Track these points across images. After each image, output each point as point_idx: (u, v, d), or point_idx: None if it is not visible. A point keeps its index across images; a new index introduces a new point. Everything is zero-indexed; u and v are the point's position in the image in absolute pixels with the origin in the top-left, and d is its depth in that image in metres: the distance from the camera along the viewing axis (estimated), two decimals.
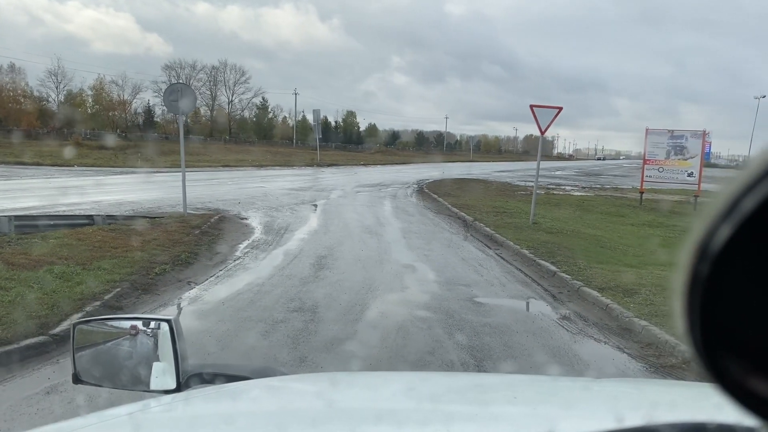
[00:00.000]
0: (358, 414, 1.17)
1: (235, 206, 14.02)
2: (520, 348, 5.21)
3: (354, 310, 6.16)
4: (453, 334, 5.46)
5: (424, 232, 11.82)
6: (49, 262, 6.80)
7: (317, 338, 5.25)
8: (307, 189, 20.67)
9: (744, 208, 0.33)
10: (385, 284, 7.35)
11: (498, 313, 6.28)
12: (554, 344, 5.38)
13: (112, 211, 11.49)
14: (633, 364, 4.96)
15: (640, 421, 0.81)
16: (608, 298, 6.58)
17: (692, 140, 19.31)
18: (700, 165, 19.31)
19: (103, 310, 5.60)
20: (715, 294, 0.36)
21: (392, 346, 5.14)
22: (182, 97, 10.22)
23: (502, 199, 18.76)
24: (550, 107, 11.95)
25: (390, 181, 25.90)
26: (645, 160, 19.68)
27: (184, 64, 74.90)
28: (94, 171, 24.52)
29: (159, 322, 1.44)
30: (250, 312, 5.97)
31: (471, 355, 4.95)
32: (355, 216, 13.76)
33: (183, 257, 7.92)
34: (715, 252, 0.34)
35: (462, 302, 6.62)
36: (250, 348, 4.98)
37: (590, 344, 5.46)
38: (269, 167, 35.83)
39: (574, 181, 33.99)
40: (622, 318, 6.02)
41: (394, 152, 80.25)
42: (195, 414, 1.24)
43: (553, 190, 24.43)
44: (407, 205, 17.09)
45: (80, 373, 1.42)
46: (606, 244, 10.66)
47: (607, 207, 18.30)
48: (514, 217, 13.63)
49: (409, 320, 5.87)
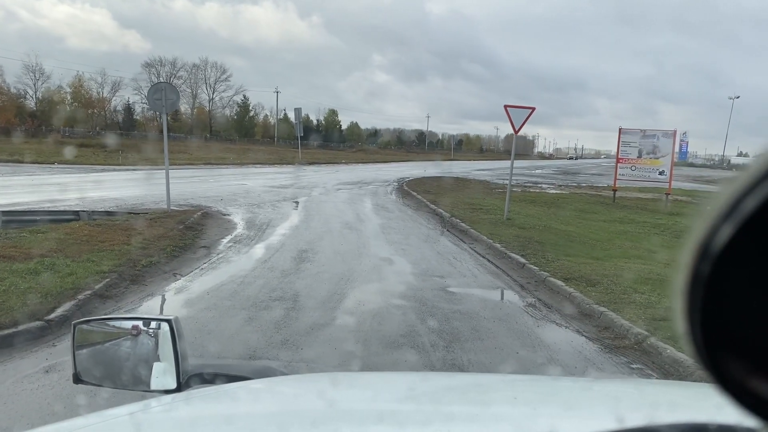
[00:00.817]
0: (359, 414, 1.17)
1: (217, 203, 14.29)
2: (486, 331, 5.62)
3: (333, 299, 6.52)
4: (425, 320, 5.85)
5: (402, 228, 12.22)
6: (39, 255, 7.06)
7: (298, 324, 5.60)
8: (288, 186, 20.95)
9: (745, 209, 0.33)
10: (363, 276, 7.73)
11: (468, 301, 6.69)
12: (518, 328, 5.79)
13: (96, 207, 11.71)
14: (589, 345, 5.40)
15: (640, 422, 0.81)
16: (572, 288, 7.03)
17: (663, 140, 19.93)
18: (671, 163, 19.96)
19: (94, 299, 5.90)
20: (715, 294, 0.35)
21: (368, 330, 5.51)
22: (166, 96, 10.48)
23: (479, 196, 19.22)
24: (524, 107, 12.41)
25: (371, 179, 26.26)
26: (618, 159, 20.27)
27: (164, 62, 74.65)
28: (75, 169, 24.55)
29: (159, 322, 1.44)
30: (234, 301, 6.30)
31: (441, 338, 5.34)
32: (335, 212, 14.11)
33: (168, 250, 8.22)
34: (717, 252, 0.34)
35: (435, 291, 7.01)
36: (235, 332, 5.31)
37: (552, 328, 5.89)
38: (250, 165, 36.00)
39: (551, 179, 34.63)
40: (583, 305, 6.47)
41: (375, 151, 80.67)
42: (195, 414, 1.25)
43: (530, 188, 24.99)
44: (387, 202, 17.47)
45: (81, 372, 1.43)
46: (575, 239, 11.13)
47: (581, 204, 18.86)
48: (489, 213, 14.08)
49: (384, 308, 6.25)
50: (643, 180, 20.10)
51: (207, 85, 78.17)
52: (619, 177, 20.17)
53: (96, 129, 62.95)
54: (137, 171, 24.15)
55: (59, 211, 10.55)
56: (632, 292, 6.89)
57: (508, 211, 13.39)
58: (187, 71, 75.84)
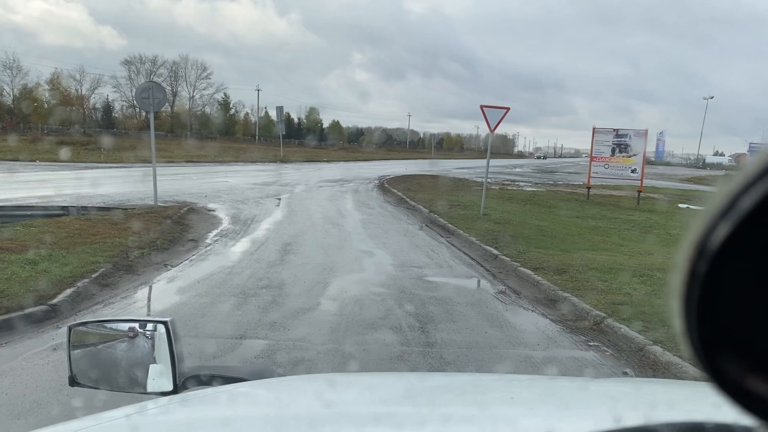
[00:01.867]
0: (356, 415, 1.18)
1: (202, 199, 14.61)
2: (459, 315, 6.09)
3: (317, 287, 6.95)
4: (403, 305, 6.31)
5: (382, 223, 12.68)
6: (35, 246, 7.39)
7: (284, 308, 6.03)
8: (271, 184, 21.29)
9: (742, 207, 0.33)
10: (345, 266, 8.17)
11: (443, 289, 7.16)
12: (488, 312, 6.28)
13: (83, 203, 11.98)
14: (552, 326, 5.90)
15: (638, 421, 0.81)
16: (540, 276, 7.54)
17: (635, 138, 20.65)
18: (643, 162, 20.69)
19: (92, 286, 6.27)
20: (712, 293, 0.35)
21: (349, 313, 5.96)
22: (153, 95, 10.81)
23: (458, 193, 19.73)
24: (499, 107, 12.93)
25: (352, 177, 26.67)
26: (592, 158, 20.94)
27: (144, 59, 74.24)
28: (57, 166, 24.61)
29: (156, 324, 1.44)
30: (223, 288, 6.71)
31: (417, 320, 5.80)
32: (318, 208, 14.52)
33: (158, 243, 8.58)
34: (714, 250, 0.34)
35: (413, 280, 7.48)
36: (227, 315, 5.72)
37: (519, 312, 6.39)
38: (232, 163, 36.17)
39: (529, 177, 35.33)
40: (550, 291, 6.98)
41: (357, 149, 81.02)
42: (192, 416, 1.25)
43: (508, 186, 25.59)
44: (368, 198, 17.92)
45: (77, 375, 1.43)
46: (547, 233, 11.68)
47: (555, 201, 19.48)
48: (467, 209, 14.59)
49: (365, 294, 6.70)
50: (616, 178, 20.80)
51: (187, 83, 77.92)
52: (592, 175, 20.84)
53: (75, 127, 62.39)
54: (120, 168, 24.32)
55: (48, 206, 10.84)
56: (595, 280, 7.42)
57: (484, 207, 13.91)
58: (167, 69, 75.56)
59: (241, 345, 4.95)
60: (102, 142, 36.45)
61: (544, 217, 14.64)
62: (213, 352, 4.74)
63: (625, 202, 20.30)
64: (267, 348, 4.89)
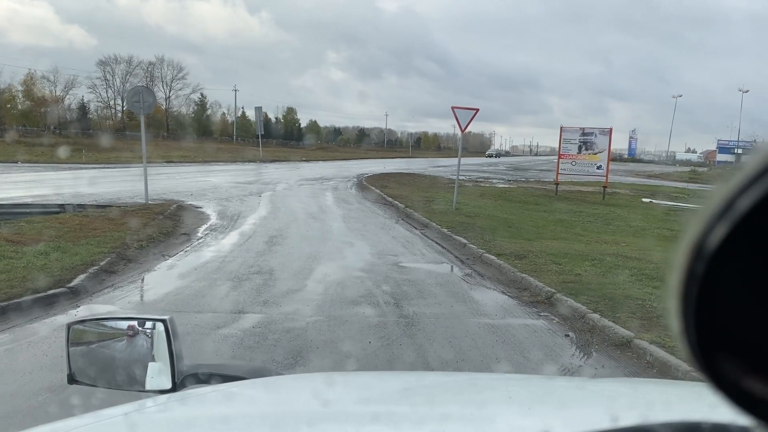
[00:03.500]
0: (354, 414, 1.19)
1: (188, 197, 15.27)
2: (429, 293, 6.94)
3: (303, 272, 7.75)
4: (380, 286, 7.14)
5: (361, 217, 13.50)
6: (42, 240, 8.07)
7: (275, 290, 6.82)
8: (253, 182, 21.96)
9: (740, 208, 0.33)
10: (327, 255, 8.98)
11: (416, 273, 8.01)
12: (455, 291, 7.14)
13: (77, 201, 12.60)
14: (509, 301, 6.78)
15: (635, 421, 0.82)
16: (503, 261, 8.42)
17: (600, 137, 21.71)
18: (608, 158, 21.77)
19: (102, 273, 6.99)
20: (710, 293, 0.36)
21: (333, 293, 6.77)
22: (144, 99, 11.48)
23: (433, 190, 20.63)
24: (469, 108, 13.85)
25: (331, 176, 27.44)
26: (560, 155, 21.98)
27: (119, 60, 73.97)
28: (41, 167, 24.97)
29: (154, 321, 1.44)
30: (219, 274, 7.47)
31: (392, 298, 6.63)
32: (300, 205, 15.29)
33: (154, 237, 9.29)
34: (711, 251, 0.34)
35: (389, 266, 8.31)
36: (225, 295, 6.50)
37: (482, 290, 7.26)
38: (212, 163, 36.64)
39: (503, 175, 36.40)
40: (510, 273, 7.86)
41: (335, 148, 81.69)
42: (191, 414, 1.25)
43: (482, 183, 26.60)
44: (347, 196, 18.72)
45: (75, 373, 1.43)
46: (514, 225, 12.61)
47: (525, 197, 20.47)
48: (440, 204, 15.47)
49: (347, 278, 7.51)
50: (583, 174, 21.88)
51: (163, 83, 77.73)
52: (561, 172, 21.88)
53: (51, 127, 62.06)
54: (103, 169, 24.78)
55: (45, 204, 11.46)
56: (551, 263, 8.33)
57: (456, 202, 14.80)
58: (143, 69, 75.38)
59: (241, 318, 5.73)
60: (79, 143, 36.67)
61: (512, 212, 15.58)
62: (217, 323, 5.52)
63: (591, 197, 21.36)
64: (263, 320, 5.68)
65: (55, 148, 34.69)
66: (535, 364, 4.83)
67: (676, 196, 24.71)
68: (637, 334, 5.33)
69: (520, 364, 4.82)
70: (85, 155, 29.53)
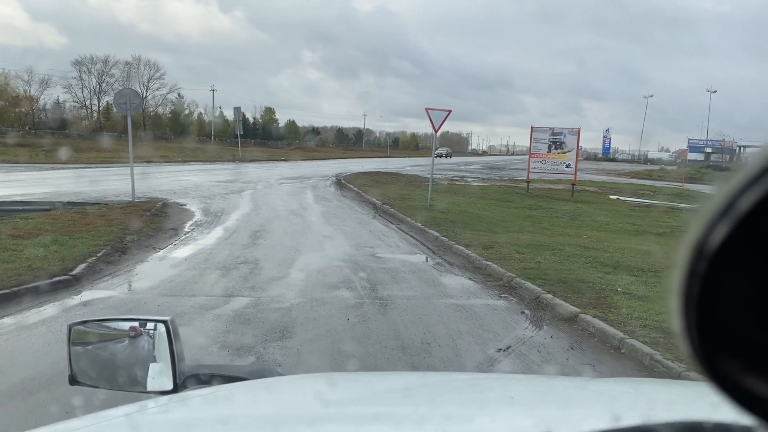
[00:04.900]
0: (355, 414, 1.20)
1: (172, 196, 15.76)
2: (402, 279, 7.63)
3: (286, 261, 8.38)
4: (357, 273, 7.80)
5: (340, 214, 14.15)
6: (40, 234, 8.59)
7: (261, 277, 7.44)
8: (234, 181, 22.46)
9: (741, 207, 0.33)
10: (308, 247, 9.62)
11: (391, 262, 8.69)
12: (426, 277, 7.84)
13: (65, 200, 13.05)
14: (474, 285, 7.50)
15: (637, 420, 0.82)
16: (470, 251, 9.15)
17: (569, 136, 22.64)
18: (576, 157, 22.70)
19: (100, 263, 7.55)
20: (711, 293, 0.36)
21: (314, 279, 7.42)
22: (130, 101, 12.00)
23: (409, 188, 21.35)
24: (442, 110, 14.61)
25: (311, 175, 28.02)
26: (530, 154, 22.86)
27: (95, 60, 73.57)
28: (23, 167, 25.15)
29: (156, 323, 1.45)
30: (208, 264, 8.07)
31: (369, 283, 7.30)
32: (281, 202, 15.89)
33: (144, 231, 9.84)
34: (712, 251, 0.34)
35: (366, 257, 8.98)
36: (215, 282, 7.10)
37: (450, 276, 7.97)
38: (192, 162, 36.94)
39: (478, 174, 37.31)
40: (477, 262, 8.59)
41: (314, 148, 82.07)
42: (192, 415, 1.26)
43: (457, 182, 27.40)
44: (326, 194, 19.35)
45: (77, 374, 1.44)
46: (484, 220, 13.37)
47: (497, 194, 21.31)
48: (415, 201, 16.19)
49: (327, 266, 8.16)
50: (553, 173, 22.77)
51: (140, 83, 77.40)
52: (531, 170, 22.76)
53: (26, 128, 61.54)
54: (85, 168, 25.09)
55: (35, 201, 11.90)
56: (515, 253, 9.07)
57: (431, 199, 15.54)
58: (119, 69, 75.09)
59: (231, 300, 6.35)
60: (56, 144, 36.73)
61: (484, 208, 16.36)
62: (210, 305, 6.13)
63: (561, 195, 22.26)
64: (251, 302, 6.31)
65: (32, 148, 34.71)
66: (492, 335, 5.54)
67: (642, 194, 25.76)
68: (583, 310, 6.08)
69: (480, 335, 5.53)
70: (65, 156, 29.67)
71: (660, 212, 18.94)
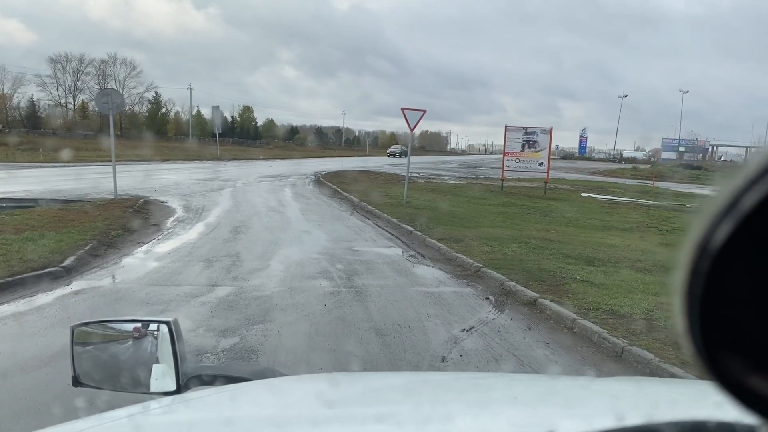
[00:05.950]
0: (358, 414, 1.20)
1: (152, 193, 16.04)
2: (377, 270, 8.09)
3: (266, 255, 8.79)
4: (334, 264, 8.25)
5: (318, 210, 14.58)
6: (27, 229, 8.88)
7: (242, 268, 7.85)
8: (213, 179, 22.73)
9: (745, 205, 0.33)
10: (288, 241, 10.04)
11: (367, 255, 9.15)
12: (399, 267, 8.32)
13: (47, 197, 13.28)
14: (444, 275, 7.99)
15: (640, 420, 0.83)
16: (442, 244, 9.65)
17: (542, 136, 23.30)
18: (548, 156, 23.38)
19: (87, 256, 7.89)
20: (714, 292, 0.36)
21: (294, 270, 7.84)
22: (112, 100, 12.28)
23: (386, 186, 21.83)
24: (417, 110, 15.10)
25: (290, 173, 28.35)
26: (505, 153, 23.48)
27: (70, 57, 72.88)
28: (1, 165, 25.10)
29: (158, 324, 1.45)
30: (191, 257, 8.44)
31: (345, 273, 7.74)
32: (260, 200, 16.25)
33: (127, 227, 10.17)
34: (716, 249, 0.34)
35: (343, 250, 9.42)
36: (199, 273, 7.49)
37: (422, 267, 8.46)
38: (170, 161, 37.01)
39: (455, 172, 37.94)
40: (448, 254, 9.09)
41: (293, 147, 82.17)
42: (195, 416, 1.26)
43: (434, 180, 27.95)
44: (305, 191, 19.74)
45: (80, 375, 1.45)
46: (457, 216, 13.89)
47: (472, 192, 21.89)
48: (392, 198, 16.67)
49: (305, 259, 8.60)
50: (526, 171, 23.40)
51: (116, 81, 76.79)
52: (506, 168, 23.37)
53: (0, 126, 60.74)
54: (64, 167, 25.11)
55: (20, 199, 12.13)
56: (484, 246, 9.59)
57: (407, 196, 16.03)
58: (95, 68, 74.45)
59: (215, 289, 6.76)
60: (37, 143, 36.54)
61: (458, 205, 16.90)
62: (195, 293, 6.53)
63: (534, 192, 22.90)
64: (234, 290, 6.72)
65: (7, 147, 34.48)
66: (458, 317, 6.03)
67: (613, 191, 26.56)
68: (542, 296, 6.61)
69: (446, 318, 6.01)
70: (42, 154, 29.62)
71: (628, 209, 19.66)
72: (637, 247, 10.76)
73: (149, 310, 5.86)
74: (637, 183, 35.53)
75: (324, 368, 4.58)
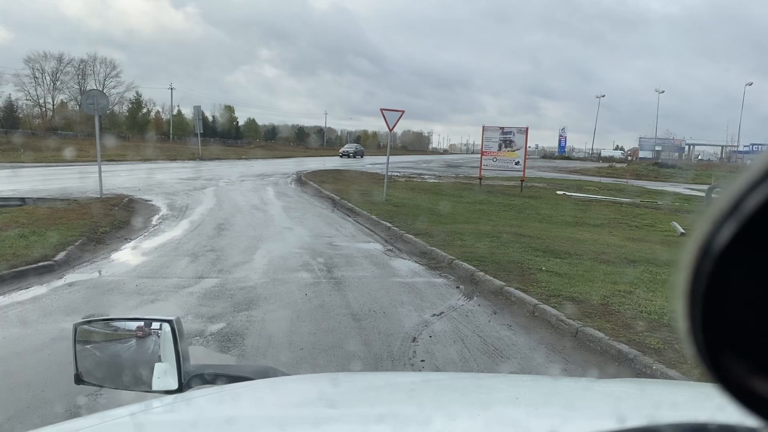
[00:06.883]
0: (360, 414, 1.21)
1: (137, 192, 16.31)
2: (356, 263, 8.54)
3: (250, 249, 9.20)
4: (316, 258, 8.68)
5: (300, 208, 14.98)
6: (17, 226, 9.19)
7: (227, 262, 8.25)
8: (196, 179, 22.98)
9: (748, 207, 0.33)
10: (270, 237, 10.44)
11: (347, 249, 9.59)
12: (377, 261, 8.78)
13: (33, 196, 13.51)
14: (419, 267, 8.46)
15: (642, 422, 0.82)
16: (418, 239, 10.12)
17: (518, 135, 23.91)
18: (524, 155, 23.99)
19: (77, 251, 8.23)
20: (717, 294, 0.36)
21: (276, 264, 8.26)
22: (97, 102, 12.58)
23: (367, 184, 22.27)
24: (395, 110, 15.58)
25: (271, 172, 28.66)
26: (482, 152, 24.05)
27: (49, 57, 72.28)
28: None
29: (161, 322, 1.46)
30: (177, 252, 8.82)
31: (325, 266, 8.18)
32: (243, 198, 16.60)
33: (115, 224, 10.51)
34: (718, 251, 0.34)
35: (324, 245, 9.85)
36: (185, 267, 7.88)
37: (399, 260, 8.93)
38: (152, 161, 37.02)
39: (435, 171, 38.54)
40: (423, 248, 9.56)
41: (275, 147, 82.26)
42: (197, 415, 1.27)
43: (414, 179, 28.46)
44: (287, 190, 20.12)
45: (82, 373, 1.46)
46: (434, 213, 14.37)
47: (451, 190, 22.42)
48: (372, 196, 17.12)
49: (287, 253, 9.02)
50: (503, 169, 24.01)
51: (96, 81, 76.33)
52: (483, 167, 23.95)
53: None
54: (46, 167, 25.19)
55: (6, 197, 12.37)
56: (457, 240, 10.08)
57: (386, 194, 16.50)
58: (74, 67, 73.92)
59: (201, 281, 7.15)
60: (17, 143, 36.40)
61: (436, 202, 17.37)
62: (183, 285, 6.92)
63: (511, 191, 23.48)
64: (219, 282, 7.12)
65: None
66: (429, 304, 6.51)
67: (588, 189, 27.28)
68: (508, 284, 7.11)
69: (419, 305, 6.48)
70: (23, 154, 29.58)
71: (601, 206, 20.32)
72: (605, 241, 11.33)
73: (140, 300, 6.25)
74: (612, 181, 36.36)
75: (304, 348, 5.03)
